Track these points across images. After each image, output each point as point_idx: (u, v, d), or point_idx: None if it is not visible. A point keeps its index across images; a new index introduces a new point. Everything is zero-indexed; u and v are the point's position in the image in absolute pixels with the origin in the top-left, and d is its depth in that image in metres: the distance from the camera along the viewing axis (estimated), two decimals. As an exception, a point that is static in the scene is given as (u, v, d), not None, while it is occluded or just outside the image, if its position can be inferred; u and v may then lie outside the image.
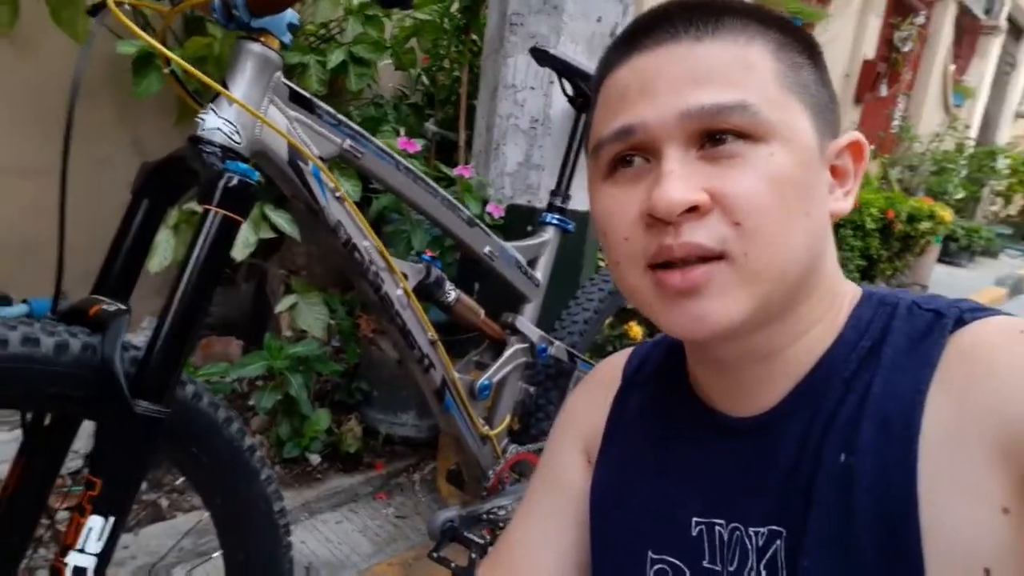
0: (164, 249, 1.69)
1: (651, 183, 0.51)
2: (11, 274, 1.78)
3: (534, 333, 1.42)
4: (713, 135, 0.50)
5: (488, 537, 1.22)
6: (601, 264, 2.01)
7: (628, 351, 0.76)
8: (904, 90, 7.46)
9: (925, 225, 5.20)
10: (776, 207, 0.49)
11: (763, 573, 0.54)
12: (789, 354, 0.56)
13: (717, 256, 0.50)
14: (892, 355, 0.52)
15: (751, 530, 0.55)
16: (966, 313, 0.52)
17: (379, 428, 2.00)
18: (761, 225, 0.49)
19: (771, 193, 0.49)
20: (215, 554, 1.06)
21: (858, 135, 0.57)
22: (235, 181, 0.87)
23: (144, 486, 1.40)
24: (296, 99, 1.03)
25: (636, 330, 2.43)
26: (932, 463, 0.47)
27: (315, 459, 1.87)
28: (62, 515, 1.37)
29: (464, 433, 1.33)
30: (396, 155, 1.18)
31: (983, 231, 7.86)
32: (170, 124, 1.99)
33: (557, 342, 1.46)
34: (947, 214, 5.55)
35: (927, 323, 0.52)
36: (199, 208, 1.68)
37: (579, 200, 1.61)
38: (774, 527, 0.54)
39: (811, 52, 0.55)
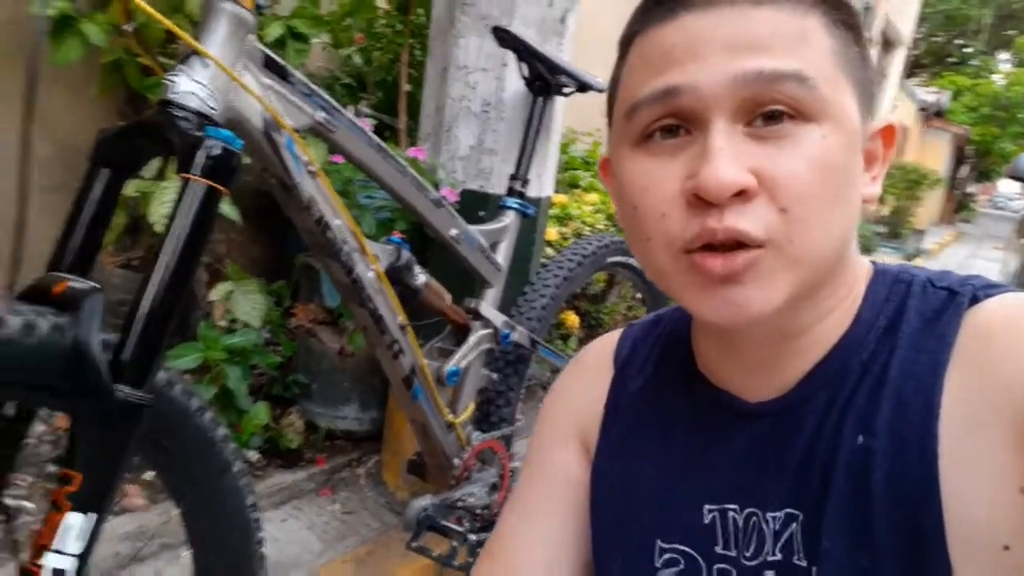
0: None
1: (693, 158, 0.48)
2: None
3: (498, 318, 1.40)
4: (764, 110, 0.47)
5: (466, 525, 1.20)
6: (549, 251, 2.01)
7: (615, 334, 0.72)
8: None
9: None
10: (823, 193, 0.47)
11: (779, 556, 0.53)
12: (810, 335, 0.54)
13: (759, 243, 0.47)
14: (908, 334, 0.52)
15: (768, 515, 0.54)
16: (979, 291, 0.51)
17: (319, 422, 1.92)
18: (807, 212, 0.47)
19: (819, 178, 0.47)
20: (184, 552, 0.98)
21: (894, 120, 0.55)
22: (218, 149, 0.80)
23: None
24: (270, 66, 0.97)
25: (572, 319, 2.45)
26: (951, 444, 0.47)
27: (254, 456, 1.77)
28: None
29: (431, 421, 1.29)
30: (367, 131, 1.14)
31: (861, 228, 8.44)
32: (83, 98, 1.83)
33: (519, 327, 1.45)
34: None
35: (941, 301, 0.52)
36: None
37: (534, 186, 1.60)
38: (790, 510, 0.53)
39: (857, 31, 0.52)
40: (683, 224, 0.49)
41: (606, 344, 0.71)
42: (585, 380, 0.71)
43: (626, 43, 0.55)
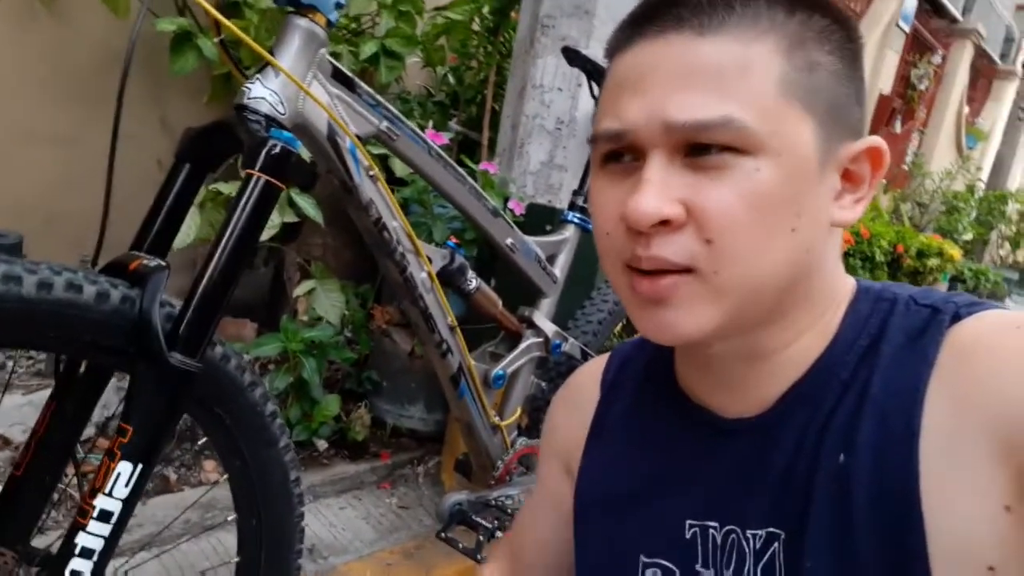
0: (189, 226, 1.71)
1: (634, 184, 0.50)
2: (32, 241, 1.81)
3: (549, 328, 1.44)
4: (697, 145, 0.49)
5: (496, 523, 1.24)
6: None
7: (604, 357, 0.75)
8: (918, 127, 7.50)
9: (933, 262, 5.21)
10: (752, 225, 0.48)
11: (759, 575, 0.53)
12: (784, 354, 0.55)
13: (684, 269, 0.49)
14: (890, 353, 0.51)
15: (748, 532, 0.55)
16: (962, 308, 0.51)
17: (386, 419, 2.02)
18: (733, 244, 0.48)
19: (748, 211, 0.48)
20: (229, 517, 1.07)
21: (877, 141, 0.53)
22: (278, 148, 0.89)
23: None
24: (338, 77, 1.06)
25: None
26: (933, 461, 0.47)
27: (322, 444, 1.88)
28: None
29: (476, 421, 1.34)
30: (428, 141, 1.21)
31: (990, 274, 7.86)
32: (198, 105, 2.03)
33: (571, 339, 1.48)
34: (955, 252, 5.56)
35: (924, 319, 0.52)
36: (224, 189, 1.70)
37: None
38: (772, 529, 0.53)
39: (839, 47, 0.51)
40: (621, 245, 0.52)
41: (594, 367, 0.75)
42: (571, 406, 0.74)
43: (607, 65, 0.57)
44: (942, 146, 7.86)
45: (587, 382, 0.73)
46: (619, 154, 0.53)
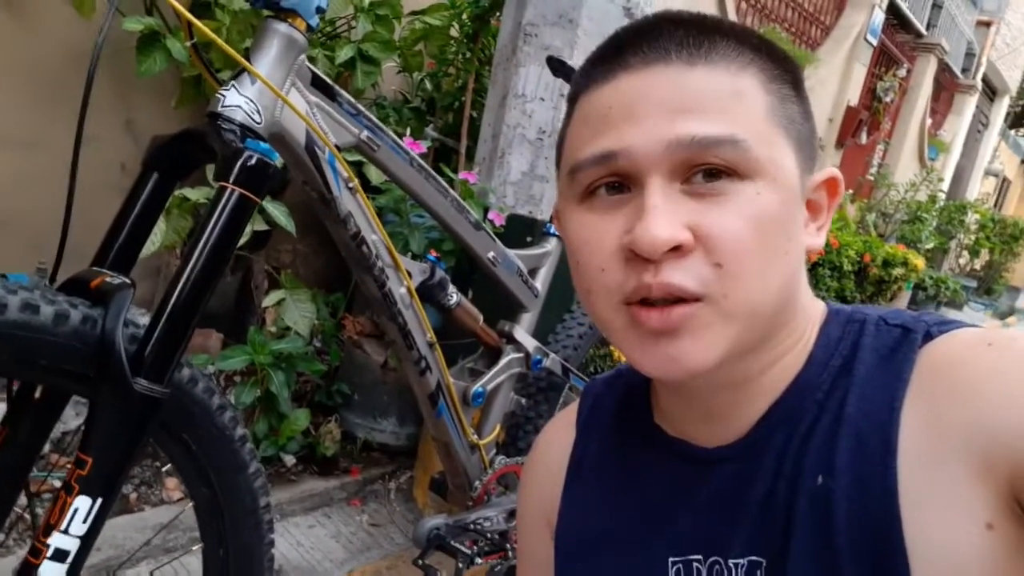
0: (153, 233, 1.63)
1: (631, 214, 0.49)
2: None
3: (530, 343, 1.40)
4: (698, 169, 0.48)
5: (475, 549, 1.20)
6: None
7: (572, 405, 0.74)
8: (883, 139, 7.63)
9: (898, 271, 5.29)
10: (758, 248, 0.48)
11: None
12: (762, 380, 0.55)
13: (695, 297, 0.48)
14: (864, 372, 0.52)
15: (731, 562, 0.54)
16: (933, 327, 0.52)
17: (357, 433, 1.96)
18: (743, 267, 0.48)
19: (755, 234, 0.48)
20: (195, 547, 1.01)
21: (835, 171, 0.56)
22: (254, 160, 0.84)
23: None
24: (318, 84, 1.01)
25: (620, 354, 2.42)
26: (912, 480, 0.46)
27: (290, 460, 1.82)
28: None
29: (454, 440, 1.30)
30: (410, 152, 1.16)
31: (950, 282, 8.02)
32: (165, 108, 1.95)
33: (552, 355, 1.45)
34: (920, 262, 5.66)
35: (896, 339, 0.52)
36: (191, 195, 1.63)
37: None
38: (754, 557, 0.52)
39: (797, 84, 0.54)
40: (622, 278, 0.50)
41: (568, 415, 0.73)
42: (541, 464, 0.72)
43: (572, 100, 0.56)
44: (906, 157, 8.02)
45: (557, 432, 0.72)
46: (602, 186, 0.52)
